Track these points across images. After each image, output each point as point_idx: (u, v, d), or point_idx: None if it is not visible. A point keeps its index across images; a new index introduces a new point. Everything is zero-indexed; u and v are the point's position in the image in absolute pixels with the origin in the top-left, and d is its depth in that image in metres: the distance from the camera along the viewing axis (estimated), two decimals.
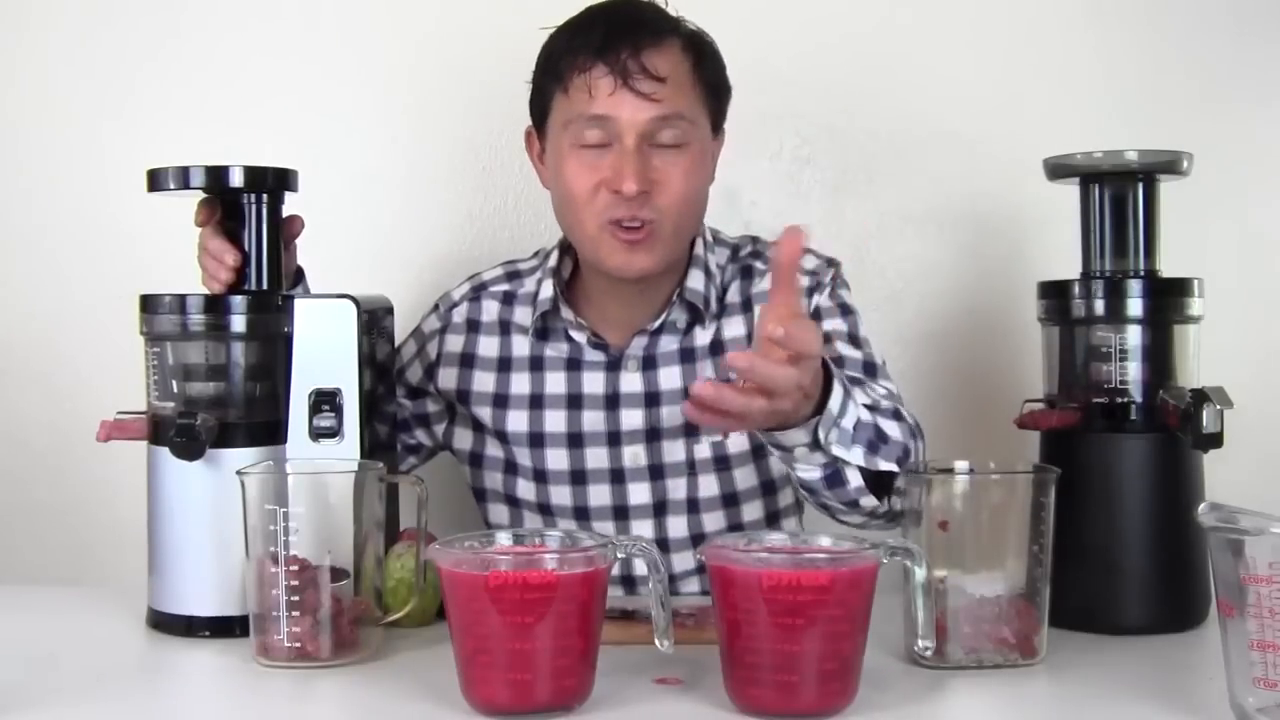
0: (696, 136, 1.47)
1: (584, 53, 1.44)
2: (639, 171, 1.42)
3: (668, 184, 1.44)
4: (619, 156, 1.43)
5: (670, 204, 1.45)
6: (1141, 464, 1.34)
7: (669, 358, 1.55)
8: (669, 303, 1.54)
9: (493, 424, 1.58)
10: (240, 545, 1.21)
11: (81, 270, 1.92)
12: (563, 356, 1.56)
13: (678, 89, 1.45)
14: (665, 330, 1.55)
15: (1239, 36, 1.92)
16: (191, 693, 1.20)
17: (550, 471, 1.56)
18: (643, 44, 1.43)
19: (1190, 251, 1.46)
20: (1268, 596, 0.97)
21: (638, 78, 1.42)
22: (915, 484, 1.21)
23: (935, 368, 1.94)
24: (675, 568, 1.56)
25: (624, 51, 1.42)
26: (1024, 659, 1.19)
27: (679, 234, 1.49)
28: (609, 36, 1.43)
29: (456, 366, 1.60)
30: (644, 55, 1.43)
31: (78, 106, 1.92)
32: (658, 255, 1.47)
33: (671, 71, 1.44)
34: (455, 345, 1.60)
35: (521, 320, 1.59)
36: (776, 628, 1.03)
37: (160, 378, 1.33)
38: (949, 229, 1.93)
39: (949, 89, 1.92)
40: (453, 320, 1.62)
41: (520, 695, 1.05)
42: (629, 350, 1.55)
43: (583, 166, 1.45)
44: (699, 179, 1.49)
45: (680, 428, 1.54)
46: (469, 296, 1.63)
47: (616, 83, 1.42)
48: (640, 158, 1.43)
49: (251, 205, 1.37)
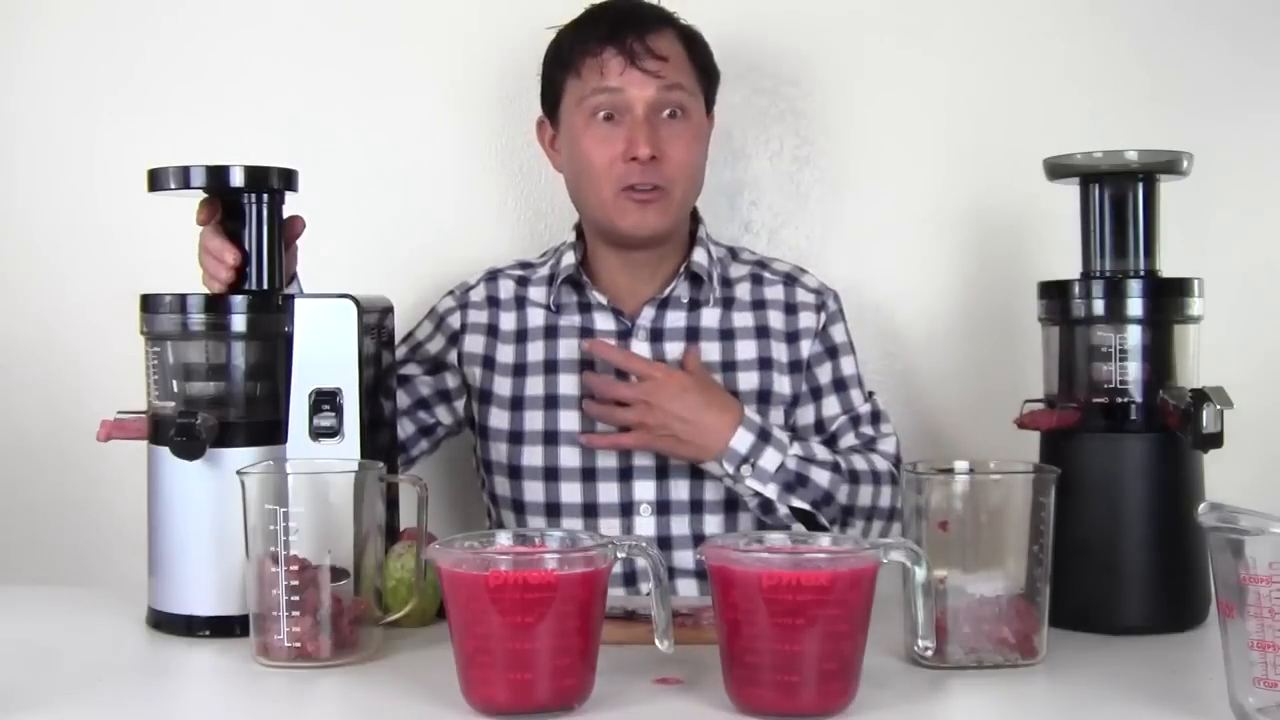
0: (695, 109, 1.64)
1: (593, 40, 1.61)
2: (650, 138, 1.58)
3: (674, 152, 1.60)
4: (631, 127, 1.59)
5: (677, 171, 1.61)
6: (1141, 464, 1.34)
7: (676, 333, 1.66)
8: (675, 275, 1.66)
9: (512, 390, 1.65)
10: (240, 545, 1.21)
11: (81, 270, 1.92)
12: (576, 326, 1.67)
13: (677, 68, 1.62)
14: (672, 304, 1.67)
15: (1239, 37, 1.92)
16: (191, 693, 1.20)
17: (561, 433, 1.63)
18: (646, 30, 1.61)
19: (1190, 251, 1.46)
20: (1268, 596, 0.97)
21: (644, 58, 1.59)
22: (915, 484, 1.21)
23: (935, 368, 1.94)
24: (673, 530, 1.63)
25: (630, 36, 1.59)
26: (1024, 659, 1.19)
27: (685, 200, 1.64)
28: (615, 26, 1.61)
29: (483, 335, 1.70)
30: (648, 39, 1.60)
31: (78, 106, 1.92)
32: (668, 217, 1.62)
33: (671, 53, 1.61)
34: (480, 317, 1.71)
35: (536, 297, 1.70)
36: (776, 628, 1.03)
37: (160, 377, 1.33)
38: (949, 229, 1.93)
39: (949, 89, 1.92)
40: (470, 299, 1.72)
41: (520, 695, 1.05)
42: (639, 321, 1.66)
43: (597, 140, 1.60)
44: (699, 150, 1.65)
45: None
46: (485, 278, 1.74)
47: (625, 63, 1.59)
48: (650, 127, 1.59)
49: (252, 205, 1.37)
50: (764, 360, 1.65)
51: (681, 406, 1.53)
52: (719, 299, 1.67)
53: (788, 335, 1.67)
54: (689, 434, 1.54)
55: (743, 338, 1.66)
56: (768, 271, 1.71)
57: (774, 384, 1.65)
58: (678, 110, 1.61)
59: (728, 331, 1.66)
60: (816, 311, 1.68)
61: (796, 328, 1.67)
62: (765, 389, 1.65)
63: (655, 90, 1.59)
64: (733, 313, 1.67)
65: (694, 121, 1.62)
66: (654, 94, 1.59)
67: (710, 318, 1.67)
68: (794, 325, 1.67)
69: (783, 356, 1.66)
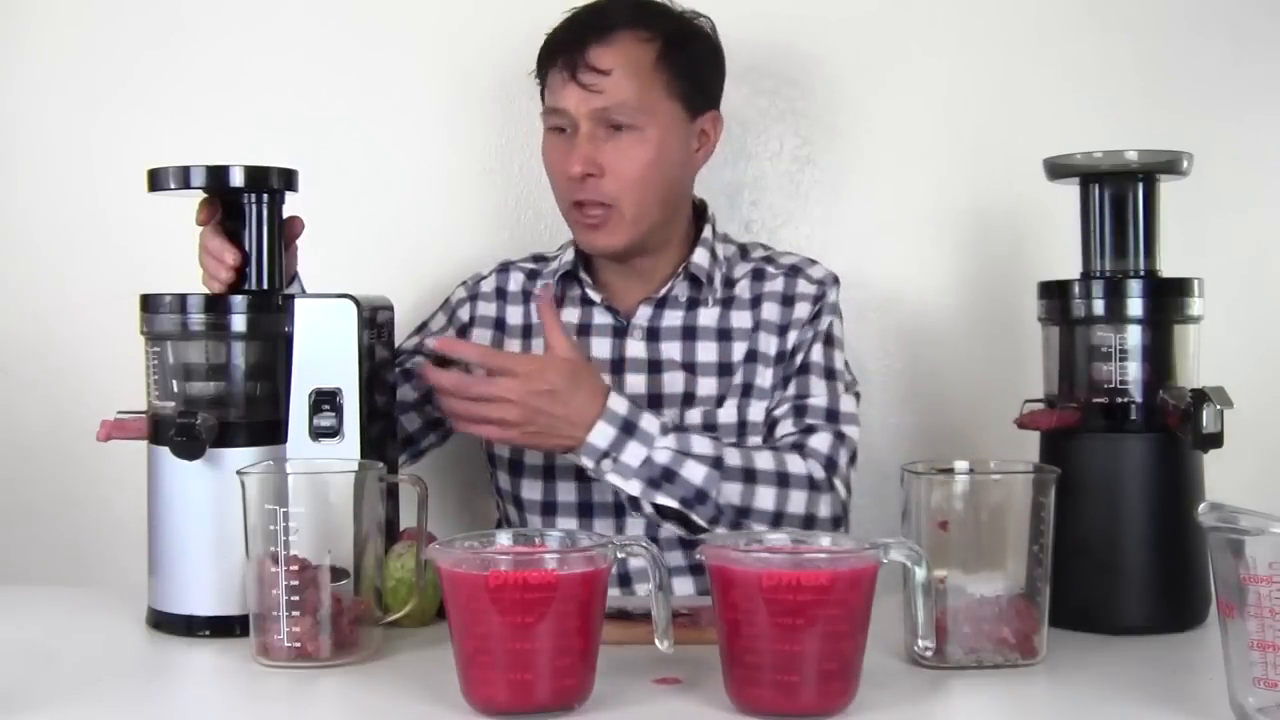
0: (654, 124, 1.57)
1: (552, 49, 1.60)
2: (584, 155, 1.55)
3: (618, 169, 1.56)
4: (570, 142, 1.57)
5: (622, 188, 1.56)
6: (1141, 464, 1.34)
7: (672, 332, 1.65)
8: (673, 275, 1.65)
9: None
10: (240, 545, 1.21)
11: (81, 270, 1.92)
12: (574, 321, 1.67)
13: (625, 80, 1.55)
14: (669, 304, 1.65)
15: (1239, 37, 1.92)
16: (191, 693, 1.20)
17: None
18: (589, 41, 1.56)
19: (1190, 251, 1.46)
20: (1268, 596, 0.97)
21: (584, 71, 1.55)
22: (915, 484, 1.21)
23: (935, 368, 1.94)
24: (663, 529, 1.59)
25: (573, 49, 1.56)
26: (1024, 659, 1.19)
27: (641, 214, 1.59)
28: (563, 36, 1.59)
29: (490, 329, 1.70)
30: (589, 51, 1.55)
31: (78, 106, 1.92)
32: (620, 236, 1.59)
33: (620, 65, 1.55)
34: (488, 310, 1.71)
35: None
36: (776, 628, 1.03)
37: (160, 377, 1.33)
38: (949, 229, 1.93)
39: (949, 89, 1.92)
40: (481, 290, 1.73)
41: (520, 695, 1.05)
42: (635, 319, 1.65)
43: (551, 152, 1.61)
44: (658, 163, 1.58)
45: (679, 396, 1.62)
46: (497, 270, 1.74)
47: (567, 77, 1.56)
48: (590, 144, 1.56)
49: (252, 205, 1.37)
50: (751, 353, 1.62)
51: (544, 401, 1.43)
52: (719, 299, 1.65)
53: (780, 328, 1.62)
54: (553, 427, 1.44)
55: (739, 338, 1.63)
56: (772, 266, 1.67)
57: (756, 377, 1.61)
58: (626, 125, 1.55)
59: (725, 331, 1.64)
60: (813, 303, 1.63)
61: (790, 319, 1.62)
62: (748, 383, 1.61)
63: (591, 108, 1.54)
64: (731, 312, 1.64)
65: (649, 134, 1.56)
66: (590, 112, 1.55)
67: (708, 317, 1.64)
68: (788, 317, 1.63)
69: (770, 349, 1.62)
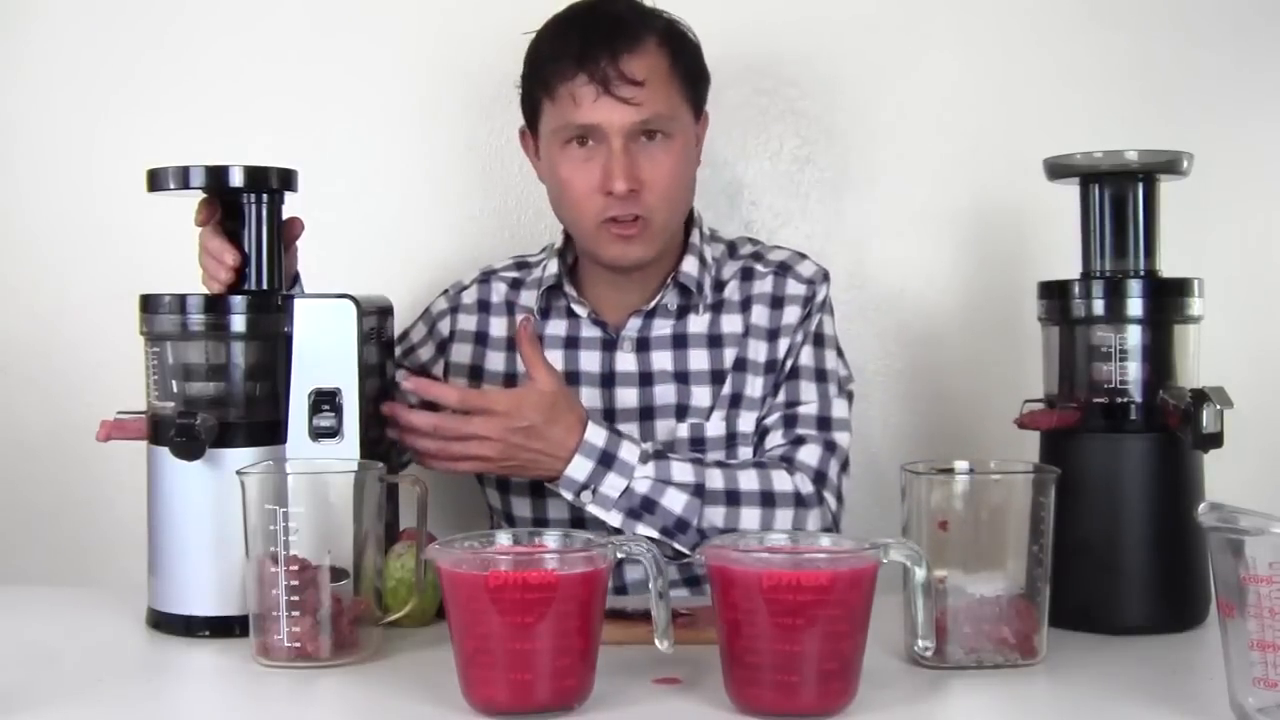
0: (679, 129, 1.54)
1: (565, 61, 1.50)
2: (628, 172, 1.50)
3: (655, 181, 1.52)
4: (608, 159, 1.50)
5: (659, 199, 1.53)
6: (1141, 464, 1.34)
7: (662, 341, 1.61)
8: (663, 285, 1.61)
9: None
10: (240, 545, 1.21)
11: (81, 270, 1.92)
12: (561, 335, 1.63)
13: (656, 88, 1.51)
14: (659, 313, 1.61)
15: (1239, 37, 1.92)
16: (191, 693, 1.20)
17: None
18: (619, 50, 1.49)
19: (1190, 251, 1.46)
20: (1268, 596, 0.97)
21: (618, 84, 1.48)
22: (915, 484, 1.21)
23: (935, 368, 1.94)
24: None
25: (603, 59, 1.48)
26: (1024, 659, 1.18)
27: (669, 224, 1.57)
28: (586, 44, 1.49)
29: (471, 344, 1.66)
30: (622, 61, 1.49)
31: (77, 106, 1.92)
32: (652, 247, 1.56)
33: (649, 73, 1.50)
34: (469, 324, 1.67)
35: (527, 302, 1.67)
36: (776, 628, 1.03)
37: (160, 378, 1.33)
38: (949, 229, 1.93)
39: (949, 89, 1.92)
40: (463, 302, 1.69)
41: (520, 695, 1.05)
42: (625, 331, 1.61)
43: (575, 170, 1.53)
44: (684, 170, 1.56)
45: (672, 408, 1.59)
46: (479, 280, 1.71)
47: (598, 90, 1.49)
48: (628, 158, 1.50)
49: (251, 205, 1.37)
50: (739, 361, 1.58)
51: (521, 437, 1.42)
52: (709, 305, 1.61)
53: (769, 333, 1.59)
54: (533, 461, 1.44)
55: (730, 344, 1.59)
56: (760, 264, 1.63)
57: (745, 387, 1.58)
58: (658, 133, 1.52)
59: (716, 338, 1.60)
60: (803, 305, 1.59)
61: (779, 324, 1.59)
62: (737, 393, 1.58)
63: (631, 121, 1.49)
64: (721, 316, 1.61)
65: (676, 140, 1.53)
66: (629, 125, 1.49)
67: (698, 324, 1.60)
68: (777, 321, 1.59)
69: (760, 356, 1.58)
